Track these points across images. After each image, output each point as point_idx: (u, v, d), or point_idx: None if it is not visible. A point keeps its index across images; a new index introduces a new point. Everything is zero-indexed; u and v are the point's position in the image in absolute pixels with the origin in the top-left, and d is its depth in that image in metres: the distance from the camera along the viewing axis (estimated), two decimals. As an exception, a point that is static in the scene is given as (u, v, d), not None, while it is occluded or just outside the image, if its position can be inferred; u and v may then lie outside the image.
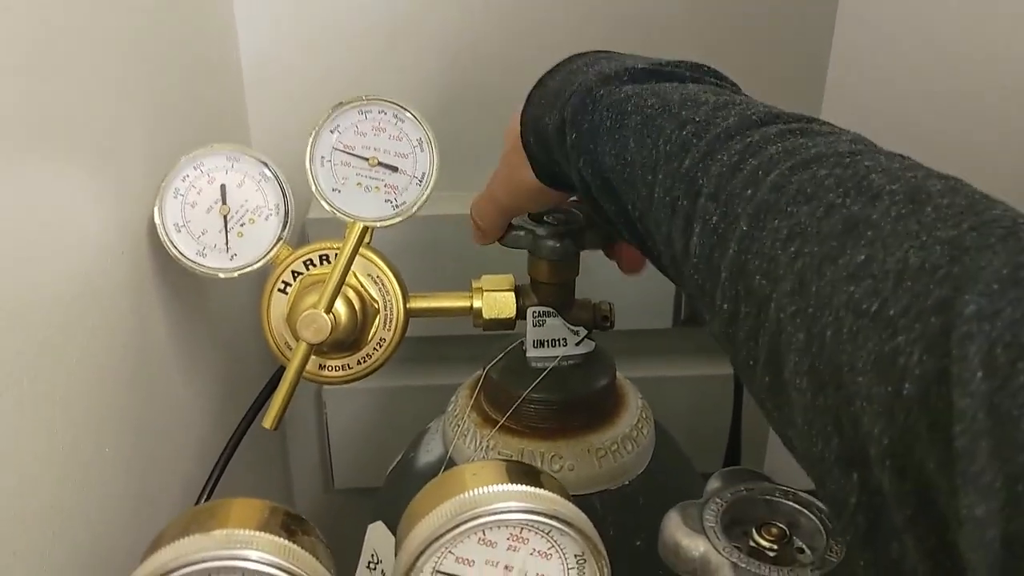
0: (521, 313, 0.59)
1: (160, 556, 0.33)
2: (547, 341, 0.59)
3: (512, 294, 0.59)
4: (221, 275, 0.56)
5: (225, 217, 0.56)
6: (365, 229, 0.55)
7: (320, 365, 0.57)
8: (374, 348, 0.57)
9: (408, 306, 0.58)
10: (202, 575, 0.33)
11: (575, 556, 0.37)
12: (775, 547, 0.41)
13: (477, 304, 0.58)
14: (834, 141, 0.33)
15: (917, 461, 0.23)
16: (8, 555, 0.40)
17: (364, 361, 0.58)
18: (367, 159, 0.56)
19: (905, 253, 0.26)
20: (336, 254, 0.55)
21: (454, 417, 0.61)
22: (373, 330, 0.57)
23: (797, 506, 0.43)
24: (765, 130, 0.35)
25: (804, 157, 0.32)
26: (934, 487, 0.23)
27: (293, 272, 0.56)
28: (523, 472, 0.38)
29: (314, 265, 0.57)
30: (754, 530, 0.42)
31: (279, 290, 0.56)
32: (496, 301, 0.58)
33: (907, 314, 0.25)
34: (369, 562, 0.60)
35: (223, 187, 0.56)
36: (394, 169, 0.56)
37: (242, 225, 0.56)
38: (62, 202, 0.46)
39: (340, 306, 0.55)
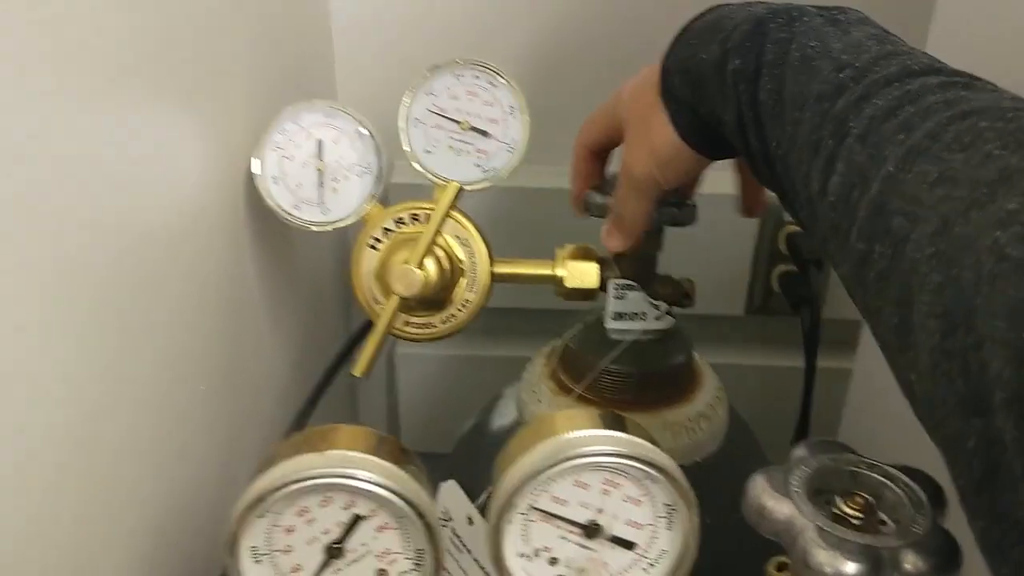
0: (602, 285, 0.59)
1: (275, 471, 0.34)
2: (627, 314, 0.60)
3: (596, 265, 0.59)
4: (314, 228, 0.58)
5: (320, 172, 0.58)
6: (458, 190, 0.56)
7: (405, 321, 0.58)
8: (458, 309, 0.58)
9: (493, 270, 0.58)
10: (312, 491, 0.34)
11: (665, 505, 0.38)
12: (860, 515, 0.41)
13: (560, 272, 0.59)
14: (997, 97, 0.33)
15: None
16: (116, 480, 0.42)
17: (447, 321, 0.59)
18: (459, 123, 0.57)
19: None
20: (426, 214, 0.57)
21: (530, 384, 0.62)
22: (458, 291, 0.58)
23: (882, 479, 0.43)
24: (926, 79, 0.34)
25: (964, 108, 0.32)
26: None
27: (384, 229, 0.58)
28: (616, 420, 0.39)
29: (404, 224, 0.58)
30: (838, 498, 0.42)
31: (370, 246, 0.58)
32: (579, 270, 0.59)
33: None
34: (440, 519, 0.61)
35: (320, 143, 0.57)
36: (485, 134, 0.57)
37: (336, 181, 0.58)
38: (171, 143, 0.48)
39: (430, 264, 0.56)
